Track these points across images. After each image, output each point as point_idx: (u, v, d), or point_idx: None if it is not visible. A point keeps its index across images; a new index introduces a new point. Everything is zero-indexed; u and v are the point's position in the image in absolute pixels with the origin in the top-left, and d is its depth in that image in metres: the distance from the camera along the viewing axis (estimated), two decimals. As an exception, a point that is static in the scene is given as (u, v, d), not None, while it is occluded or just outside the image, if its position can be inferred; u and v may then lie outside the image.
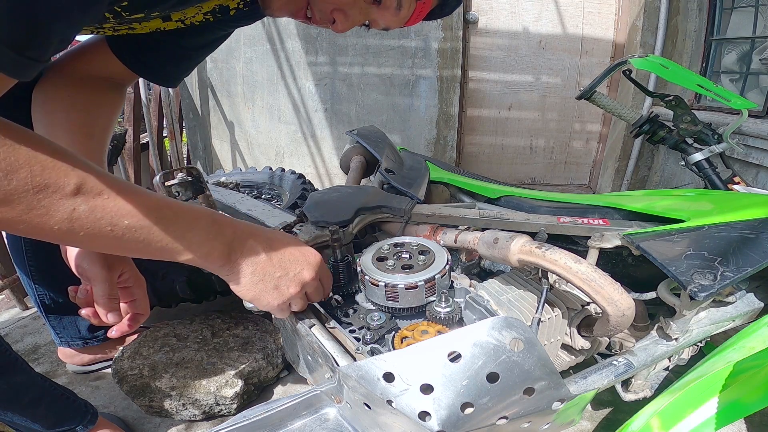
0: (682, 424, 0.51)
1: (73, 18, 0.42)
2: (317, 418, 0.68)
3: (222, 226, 0.57)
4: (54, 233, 0.44)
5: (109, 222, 0.46)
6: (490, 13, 2.60)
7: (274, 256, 0.61)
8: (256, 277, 0.60)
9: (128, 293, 0.68)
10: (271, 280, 0.61)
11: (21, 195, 0.40)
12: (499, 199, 1.21)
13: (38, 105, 0.71)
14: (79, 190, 0.43)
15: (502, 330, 0.55)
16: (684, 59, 2.31)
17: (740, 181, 1.20)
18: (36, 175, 0.40)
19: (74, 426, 0.92)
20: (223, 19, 0.73)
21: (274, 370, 1.22)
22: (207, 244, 0.55)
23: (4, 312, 1.66)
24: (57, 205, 0.42)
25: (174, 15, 0.68)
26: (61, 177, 0.42)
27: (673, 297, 0.76)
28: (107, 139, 0.75)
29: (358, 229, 0.95)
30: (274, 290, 0.62)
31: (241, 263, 0.58)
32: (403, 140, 2.74)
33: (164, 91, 2.67)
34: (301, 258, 0.64)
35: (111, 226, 0.46)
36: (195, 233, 0.53)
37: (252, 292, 0.61)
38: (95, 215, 0.45)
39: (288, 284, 0.63)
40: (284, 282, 0.62)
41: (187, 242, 0.53)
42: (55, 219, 0.43)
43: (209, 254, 0.55)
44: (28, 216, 0.41)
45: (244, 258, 0.58)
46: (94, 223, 0.45)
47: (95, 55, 0.75)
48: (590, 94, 1.33)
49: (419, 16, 0.71)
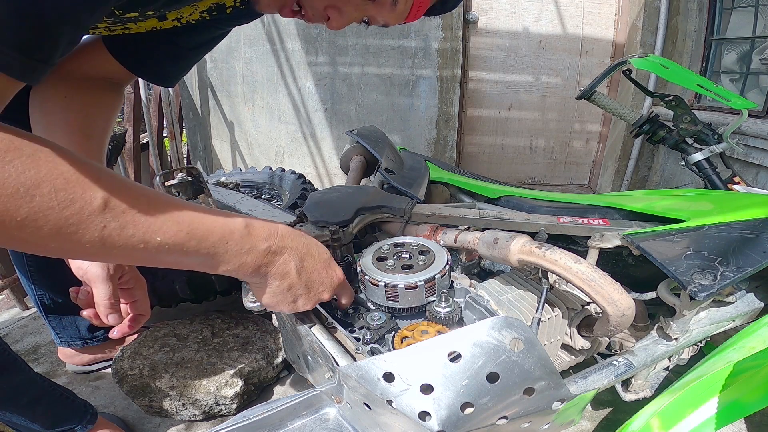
0: (682, 424, 0.51)
1: (81, 19, 0.42)
2: (317, 418, 0.68)
3: (256, 240, 0.55)
4: (87, 251, 0.41)
5: (141, 239, 0.43)
6: (490, 13, 2.60)
7: (303, 275, 0.61)
8: (281, 289, 0.60)
9: (129, 294, 0.68)
10: (292, 296, 0.62)
11: (47, 212, 0.37)
12: (499, 199, 1.21)
13: (35, 107, 0.70)
14: (107, 204, 0.40)
15: (502, 330, 0.55)
16: (684, 59, 2.31)
17: (740, 181, 1.20)
18: (60, 189, 0.37)
19: (73, 426, 0.92)
20: (219, 18, 0.72)
21: (274, 370, 1.22)
22: (240, 257, 0.53)
23: (4, 312, 1.66)
24: (87, 223, 0.39)
25: (170, 14, 0.67)
26: (87, 191, 0.39)
27: (673, 297, 0.76)
28: (106, 140, 0.75)
29: (358, 229, 0.95)
30: (291, 303, 0.63)
31: (271, 276, 0.58)
32: (403, 140, 2.74)
33: (164, 91, 2.67)
34: (327, 280, 0.65)
35: (144, 243, 0.44)
36: (228, 247, 0.52)
37: (271, 300, 0.61)
38: (126, 232, 0.42)
39: (306, 301, 0.64)
40: (303, 299, 0.63)
41: (219, 257, 0.52)
42: (87, 237, 0.40)
43: (241, 267, 0.54)
44: (59, 235, 0.38)
45: (274, 272, 0.58)
46: (127, 240, 0.42)
47: (92, 55, 0.74)
48: (590, 94, 1.33)
49: (418, 12, 0.70)
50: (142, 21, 0.66)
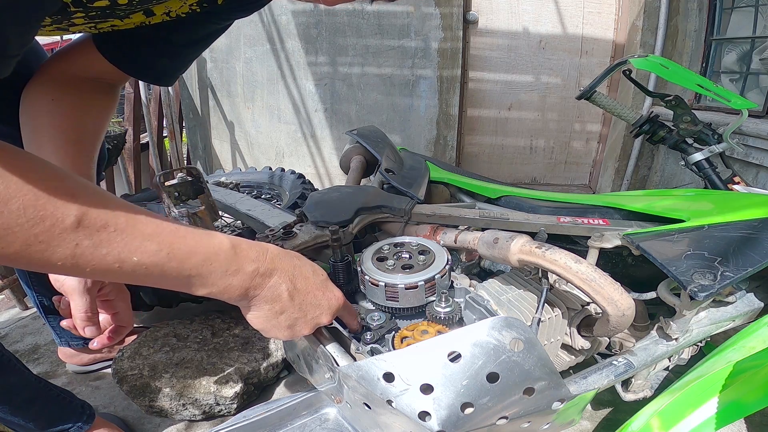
0: (682, 424, 0.51)
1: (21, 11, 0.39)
2: (317, 418, 0.68)
3: (243, 261, 0.51)
4: (59, 269, 0.40)
5: (117, 258, 0.41)
6: (490, 13, 2.60)
7: (296, 297, 0.57)
8: (272, 314, 0.56)
9: (110, 306, 0.66)
10: (287, 320, 0.58)
11: (15, 230, 0.36)
12: (499, 199, 1.21)
13: (24, 110, 0.67)
14: (81, 222, 0.39)
15: (502, 330, 0.55)
16: (684, 59, 2.31)
17: (740, 181, 1.20)
18: (29, 206, 0.36)
19: (69, 426, 0.92)
20: (211, 10, 0.69)
21: (274, 370, 1.22)
22: (225, 279, 0.50)
23: (4, 312, 1.66)
24: (57, 240, 0.38)
25: (157, 9, 0.63)
26: (59, 207, 0.37)
27: (673, 297, 0.76)
28: (97, 144, 0.71)
29: (358, 229, 0.95)
30: (287, 329, 0.58)
31: (260, 300, 0.54)
32: (403, 140, 2.74)
33: (164, 91, 2.67)
34: (324, 302, 0.61)
35: (119, 263, 0.42)
36: (213, 268, 0.49)
37: (264, 325, 0.57)
38: (100, 251, 0.40)
39: (303, 326, 0.60)
40: (300, 324, 0.59)
41: (203, 279, 0.48)
42: (58, 255, 0.38)
43: (226, 290, 0.51)
44: (27, 252, 0.37)
45: (264, 295, 0.54)
46: (100, 259, 0.41)
47: (81, 54, 0.70)
48: (590, 94, 1.33)
49: None
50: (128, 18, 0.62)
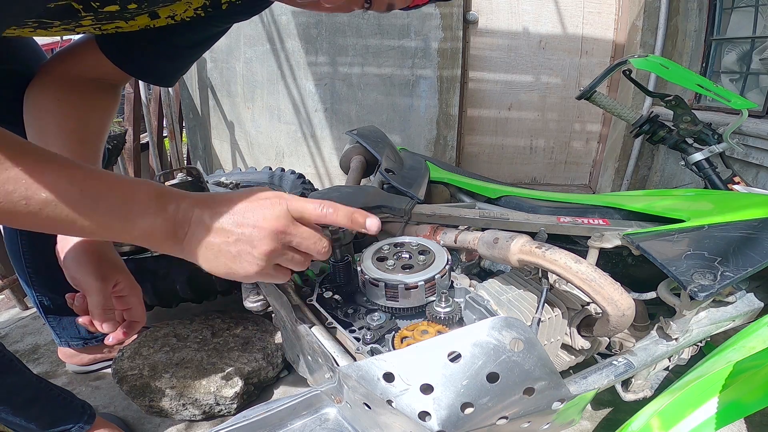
0: (682, 424, 0.51)
1: None
2: (317, 418, 0.68)
3: (165, 200, 0.48)
4: None
5: (23, 195, 0.41)
6: (490, 13, 2.60)
7: (224, 216, 0.49)
8: (211, 251, 0.49)
9: (123, 302, 0.67)
10: (227, 251, 0.49)
11: None
12: (499, 199, 1.21)
13: (28, 110, 0.68)
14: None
15: (502, 330, 0.55)
16: (684, 59, 2.31)
17: (740, 181, 1.20)
18: None
19: (70, 426, 0.92)
20: (215, 15, 0.70)
21: (274, 370, 1.22)
22: (146, 220, 0.47)
23: (4, 312, 1.66)
24: None
25: (162, 12, 0.64)
26: None
27: (673, 297, 0.76)
28: (101, 144, 0.73)
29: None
30: (242, 256, 0.49)
31: (191, 238, 0.49)
32: (403, 140, 2.74)
33: (164, 91, 2.67)
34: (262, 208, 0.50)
35: (25, 200, 0.41)
36: (131, 208, 0.46)
37: (218, 268, 0.50)
38: (6, 188, 0.40)
39: (258, 244, 0.49)
40: (246, 243, 0.49)
41: (122, 219, 0.46)
42: None
43: (151, 232, 0.47)
44: None
45: (191, 232, 0.49)
46: (6, 197, 0.40)
47: (84, 55, 0.71)
48: (590, 94, 1.33)
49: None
50: (132, 20, 0.63)
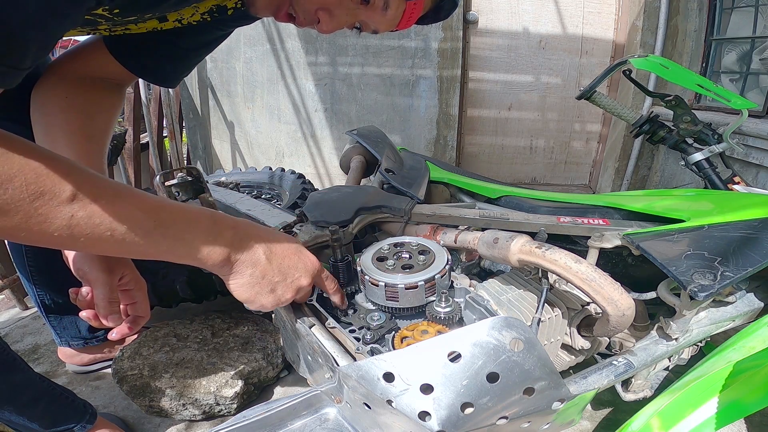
0: (682, 424, 0.51)
1: (48, 25, 0.42)
2: (317, 418, 0.68)
3: (222, 228, 0.57)
4: (55, 240, 0.44)
5: (108, 227, 0.46)
6: (490, 13, 2.60)
7: (274, 260, 0.62)
8: (254, 279, 0.60)
9: (129, 296, 0.68)
10: (268, 284, 0.62)
11: (18, 204, 0.40)
12: (499, 199, 1.21)
13: (36, 108, 0.70)
14: (76, 196, 0.43)
15: (502, 330, 0.55)
16: (684, 59, 2.31)
17: (740, 181, 1.20)
18: (30, 183, 0.40)
19: (72, 426, 0.92)
20: (221, 19, 0.72)
21: (274, 370, 1.22)
22: (207, 245, 0.55)
23: (4, 312, 1.66)
24: (55, 213, 0.42)
25: (170, 16, 0.67)
26: (57, 184, 0.42)
27: (673, 297, 0.76)
28: (107, 141, 0.75)
29: (358, 229, 0.95)
30: (270, 293, 0.62)
31: (241, 265, 0.59)
32: (403, 140, 2.74)
33: (164, 91, 2.67)
34: (300, 265, 0.65)
35: (110, 231, 0.46)
36: (194, 235, 0.54)
37: (248, 293, 0.61)
38: (93, 221, 0.45)
39: (285, 290, 0.64)
40: (281, 287, 0.63)
41: (186, 244, 0.53)
42: (55, 226, 0.43)
43: (209, 256, 0.55)
44: (27, 224, 0.42)
45: (244, 260, 0.59)
46: (93, 228, 0.45)
47: (92, 55, 0.74)
48: (590, 94, 1.33)
49: (410, 20, 0.70)
50: (142, 23, 0.66)
